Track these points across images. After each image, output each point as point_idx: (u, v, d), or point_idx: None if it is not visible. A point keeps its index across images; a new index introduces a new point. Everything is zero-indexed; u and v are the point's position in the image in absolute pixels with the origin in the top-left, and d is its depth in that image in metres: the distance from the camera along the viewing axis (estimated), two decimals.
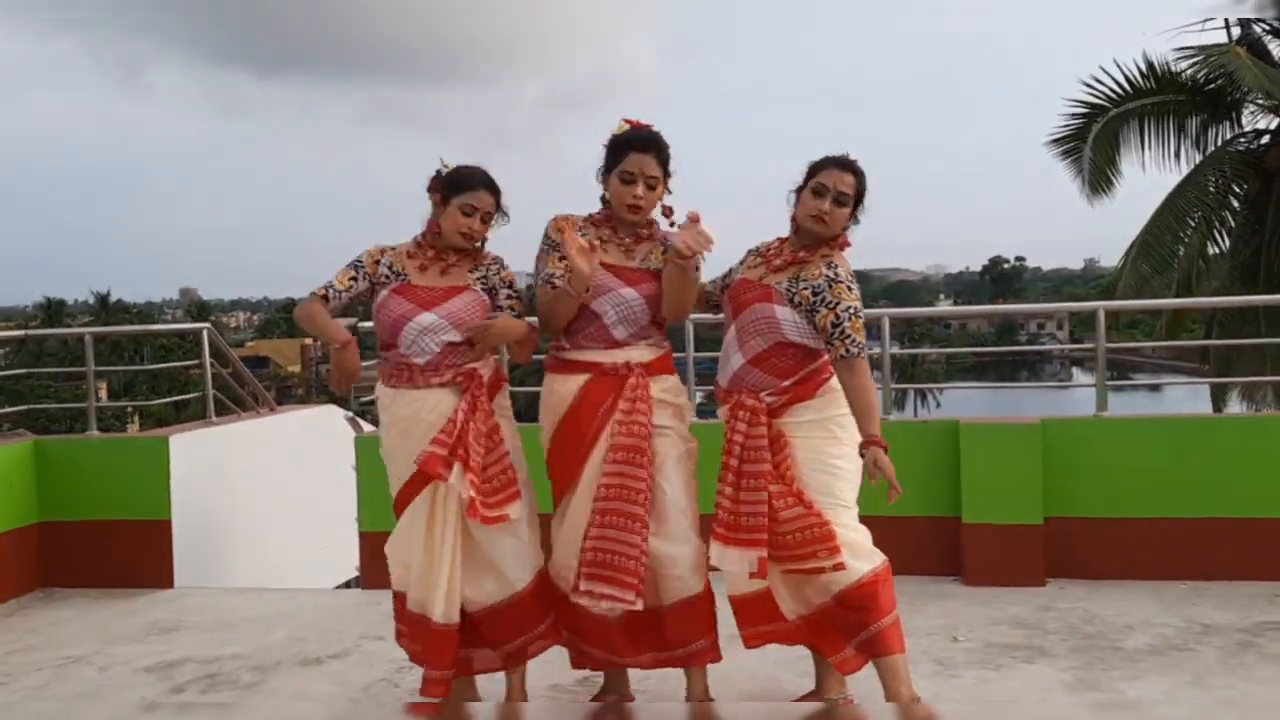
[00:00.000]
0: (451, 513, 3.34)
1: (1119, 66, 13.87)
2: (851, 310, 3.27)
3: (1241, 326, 12.99)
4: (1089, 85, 13.91)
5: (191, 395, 7.60)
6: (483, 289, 3.48)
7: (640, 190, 3.36)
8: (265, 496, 6.36)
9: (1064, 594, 5.02)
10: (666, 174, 3.41)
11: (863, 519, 3.40)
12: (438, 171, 3.46)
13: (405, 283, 3.44)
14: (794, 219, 3.43)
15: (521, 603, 3.46)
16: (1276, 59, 13.67)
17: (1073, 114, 14.13)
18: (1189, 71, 13.50)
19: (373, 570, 5.51)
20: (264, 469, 6.43)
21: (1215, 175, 13.52)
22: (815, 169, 3.37)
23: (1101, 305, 5.57)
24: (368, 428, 6.97)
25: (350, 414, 5.87)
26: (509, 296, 3.52)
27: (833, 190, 3.32)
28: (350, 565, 6.13)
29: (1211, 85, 13.39)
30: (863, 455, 3.23)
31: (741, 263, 3.56)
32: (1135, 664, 4.08)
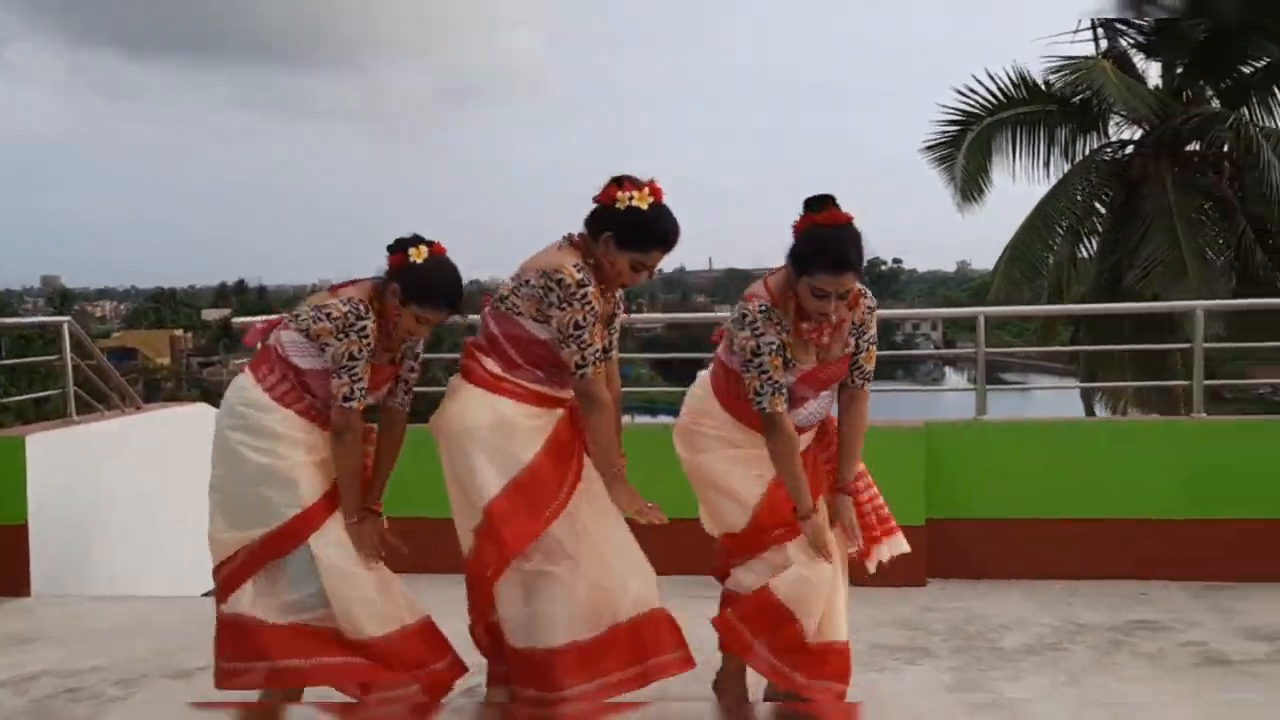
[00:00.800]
0: None
1: (991, 78, 14.32)
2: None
3: (1107, 330, 13.53)
4: (962, 94, 14.32)
5: (52, 392, 7.21)
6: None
7: (643, 279, 3.25)
8: (131, 499, 6.06)
9: (945, 594, 5.11)
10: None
11: None
12: (404, 250, 3.20)
13: (371, 362, 3.22)
14: (778, 295, 3.19)
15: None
16: (1140, 72, 14.27)
17: (948, 121, 14.53)
18: (1058, 83, 14.00)
19: None
20: (130, 470, 6.13)
21: (1083, 184, 14.07)
22: (809, 266, 3.07)
23: (982, 311, 5.71)
24: None
25: (218, 411, 5.59)
26: (411, 369, 3.42)
27: (834, 294, 3.09)
28: None
29: (1080, 96, 13.90)
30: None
31: (782, 356, 3.18)
32: (1013, 664, 4.16)
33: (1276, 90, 13.56)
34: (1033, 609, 4.85)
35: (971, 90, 14.36)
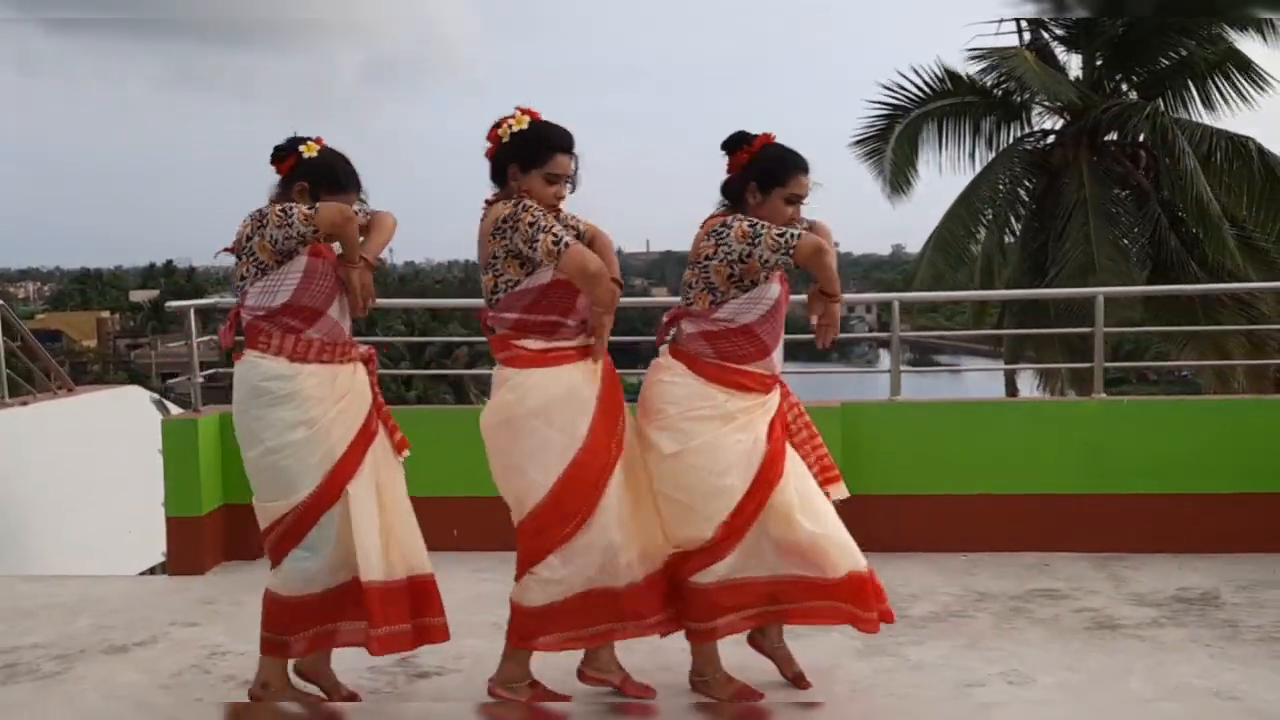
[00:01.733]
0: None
1: (916, 72, 14.65)
2: None
3: (1031, 313, 13.97)
4: (889, 89, 14.64)
5: None
6: None
7: (564, 191, 3.48)
8: (63, 481, 6.12)
9: None
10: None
11: None
12: (294, 151, 3.46)
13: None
14: (736, 208, 3.55)
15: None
16: (1062, 64, 14.69)
17: (875, 115, 14.83)
18: (981, 75, 14.37)
19: (180, 556, 5.42)
20: (63, 452, 6.18)
21: (1005, 173, 14.46)
22: (783, 175, 3.49)
23: (897, 297, 5.97)
24: (175, 410, 6.77)
25: (157, 396, 5.69)
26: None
27: (804, 195, 3.53)
28: (156, 551, 5.97)
29: (1003, 86, 14.28)
30: None
31: (759, 246, 3.42)
32: (919, 630, 4.41)
33: (1190, 83, 14.05)
34: (939, 580, 5.11)
35: (899, 86, 14.69)
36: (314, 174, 3.42)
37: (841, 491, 3.76)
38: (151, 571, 6.36)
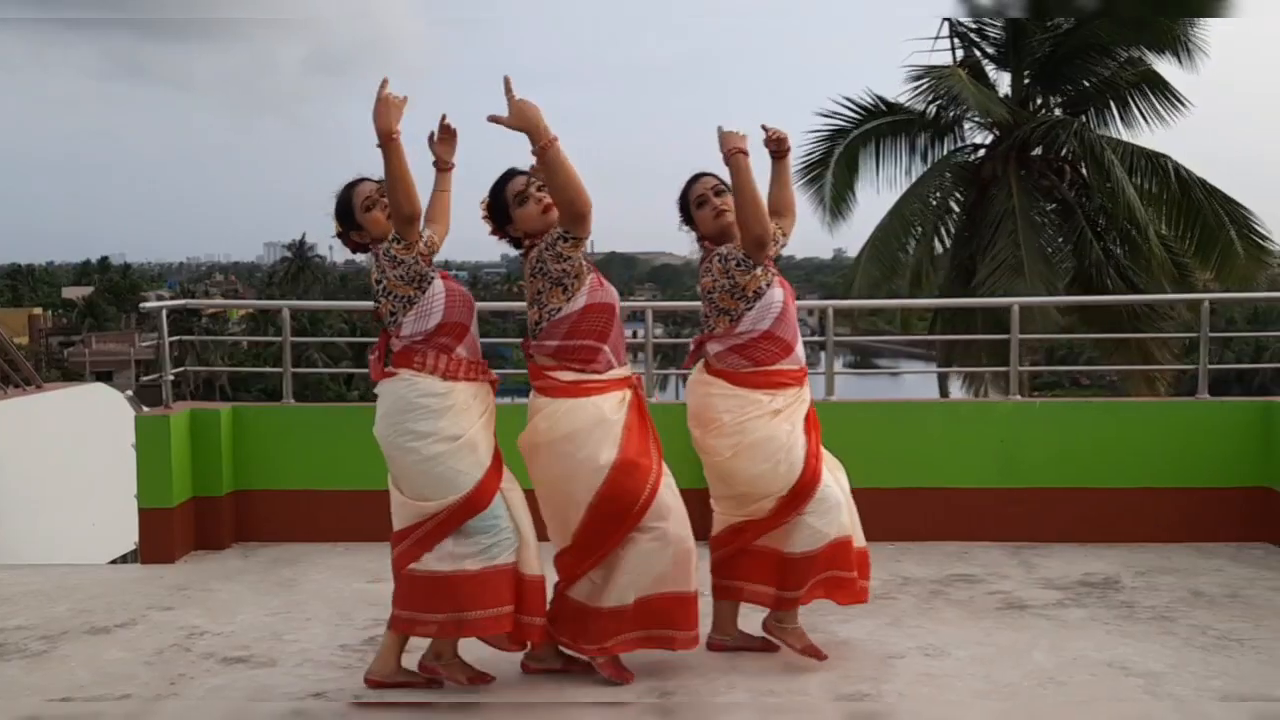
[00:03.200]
0: None
1: (849, 102, 15.18)
2: None
3: (961, 320, 14.55)
4: (827, 115, 15.18)
5: None
6: None
7: (538, 195, 3.89)
8: (31, 475, 6.32)
9: None
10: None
11: None
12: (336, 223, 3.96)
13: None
14: (706, 239, 4.11)
15: None
16: (992, 81, 15.30)
17: (814, 142, 15.33)
18: (916, 93, 14.91)
19: (152, 545, 5.67)
20: (33, 447, 6.39)
21: (937, 186, 15.02)
22: (684, 195, 4.12)
23: (832, 304, 6.40)
24: (146, 409, 6.98)
25: (130, 394, 5.94)
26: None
27: (707, 193, 4.06)
28: (125, 541, 6.21)
29: (937, 103, 14.85)
30: None
31: (736, 267, 3.98)
32: (846, 610, 4.78)
33: (1111, 102, 14.71)
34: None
35: (833, 112, 15.25)
36: (338, 215, 3.94)
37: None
38: (121, 560, 6.59)
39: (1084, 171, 14.66)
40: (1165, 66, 14.43)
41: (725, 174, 4.00)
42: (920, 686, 3.97)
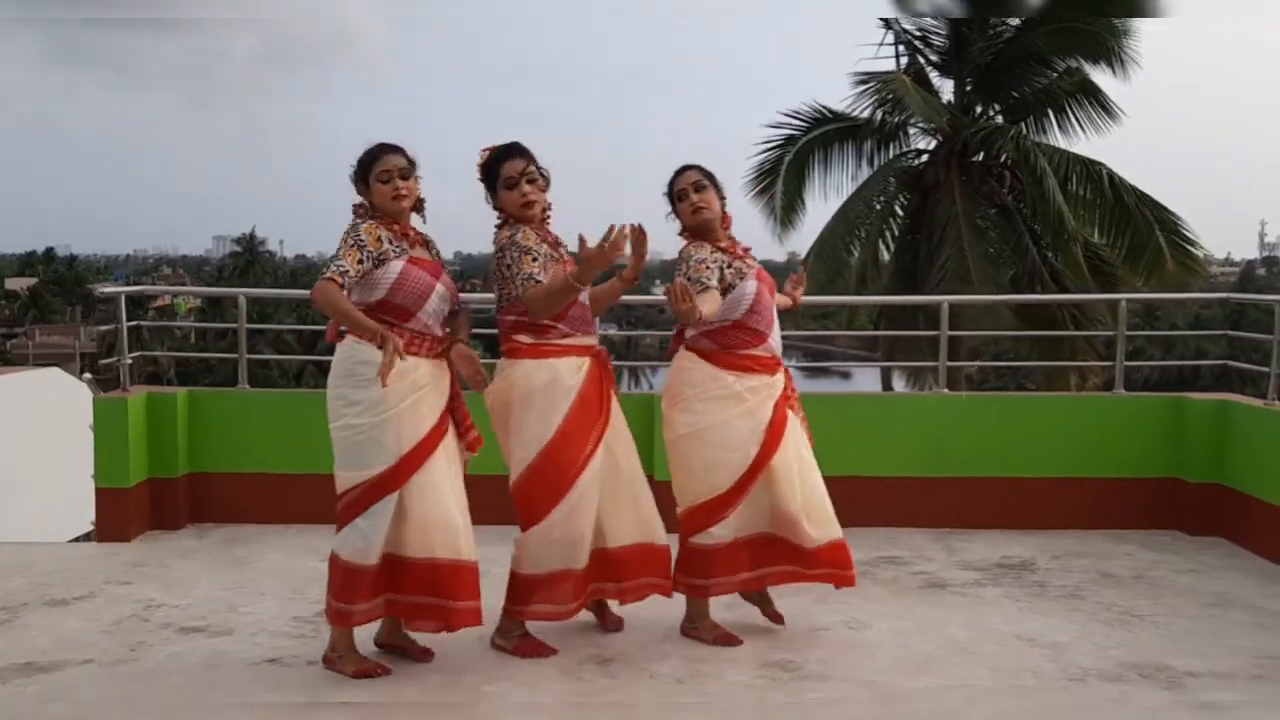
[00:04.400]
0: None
1: (794, 115, 15.53)
2: None
3: (903, 319, 14.93)
4: (775, 125, 15.53)
5: None
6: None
7: (526, 187, 4.05)
8: None
9: None
10: (539, 168, 4.11)
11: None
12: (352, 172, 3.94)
13: (411, 255, 3.88)
14: (689, 230, 4.30)
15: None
16: (935, 89, 15.71)
17: (764, 154, 15.66)
18: (862, 98, 15.29)
19: (108, 524, 5.81)
20: None
21: (881, 190, 15.41)
22: (670, 185, 4.30)
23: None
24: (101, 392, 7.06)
25: (89, 376, 6.07)
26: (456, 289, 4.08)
27: (688, 188, 4.24)
28: (81, 522, 6.33)
29: (882, 109, 15.24)
30: None
31: (707, 257, 4.20)
32: (777, 590, 5.06)
33: (1049, 111, 15.18)
34: None
35: (780, 124, 15.60)
36: (354, 175, 3.95)
37: None
38: (85, 539, 6.70)
39: (1021, 177, 15.10)
40: (1101, 76, 14.92)
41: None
42: (842, 655, 4.26)
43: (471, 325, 4.24)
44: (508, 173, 4.07)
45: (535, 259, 4.00)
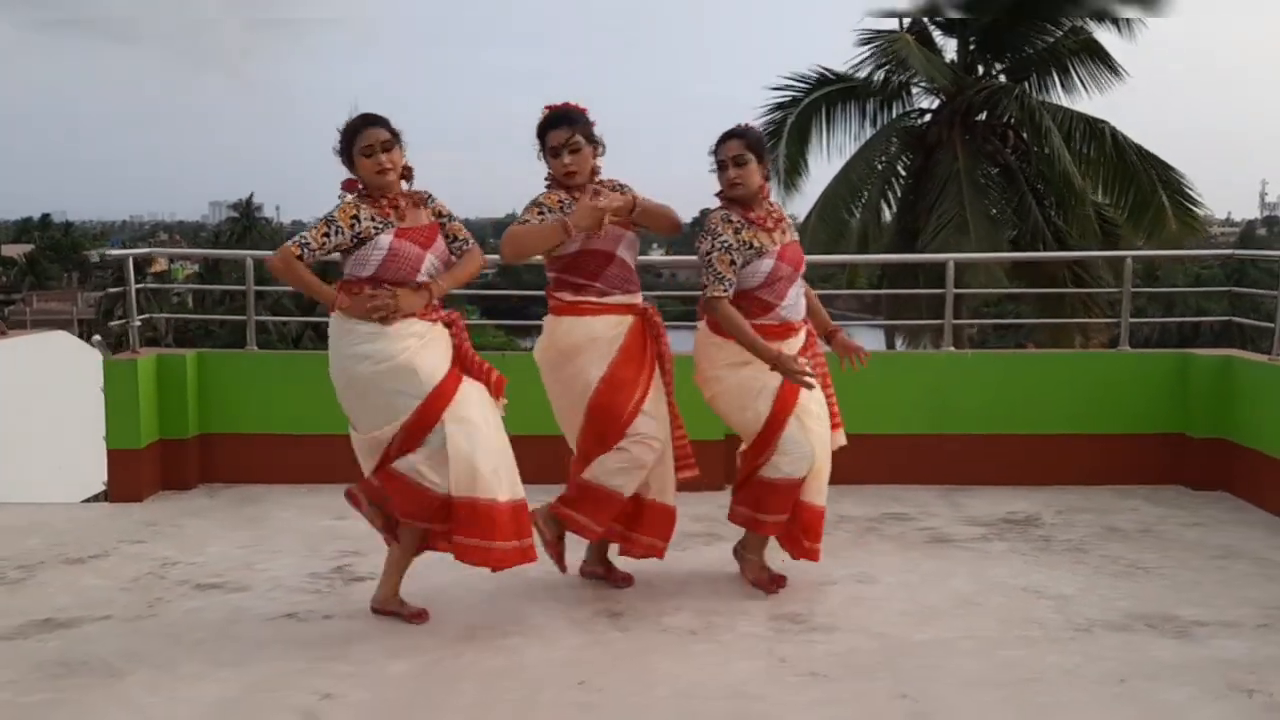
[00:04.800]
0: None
1: (798, 79, 15.41)
2: None
3: (905, 279, 14.94)
4: (779, 88, 15.42)
5: None
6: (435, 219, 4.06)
7: (567, 159, 4.14)
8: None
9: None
10: (588, 136, 4.18)
11: None
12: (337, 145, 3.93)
13: (399, 226, 3.89)
14: (720, 194, 4.31)
15: None
16: (939, 48, 15.62)
17: (767, 114, 15.57)
18: (863, 59, 15.20)
19: (120, 484, 5.86)
20: None
21: (883, 150, 15.35)
22: (715, 150, 4.28)
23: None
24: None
25: (99, 338, 6.09)
26: (449, 227, 4.08)
27: (728, 160, 4.22)
28: (95, 482, 6.37)
29: (884, 68, 15.15)
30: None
31: (736, 233, 4.22)
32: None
33: (1052, 69, 15.10)
34: None
35: (785, 86, 15.51)
36: (340, 148, 3.94)
37: (840, 439, 4.59)
38: (96, 500, 6.74)
39: (1024, 137, 15.05)
40: (1106, 36, 14.84)
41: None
42: (851, 607, 4.31)
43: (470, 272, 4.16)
44: (551, 142, 4.18)
45: (541, 212, 4.15)
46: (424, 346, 3.88)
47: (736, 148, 4.24)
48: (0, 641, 3.87)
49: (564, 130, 4.15)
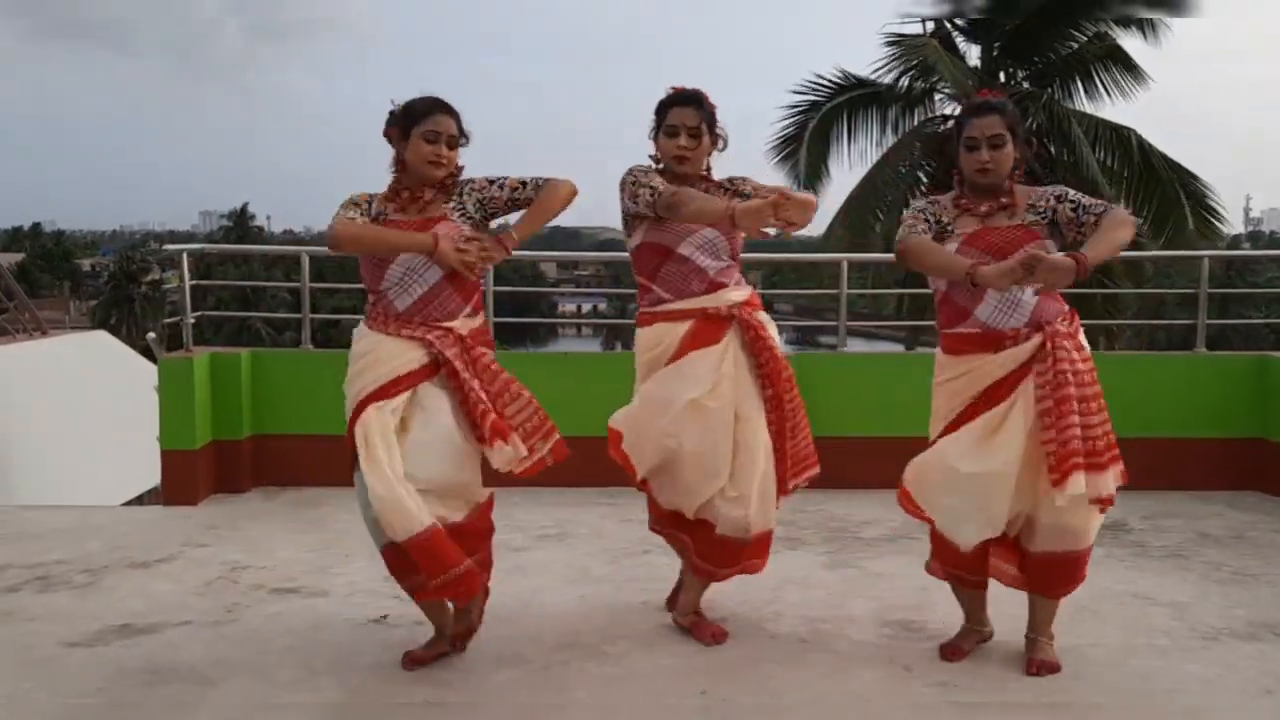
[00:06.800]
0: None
1: (821, 79, 15.27)
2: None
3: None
4: (799, 90, 15.28)
5: None
6: (460, 217, 3.47)
7: (684, 140, 3.68)
8: (40, 418, 6.25)
9: (806, 500, 5.85)
10: (711, 126, 3.72)
11: None
12: (391, 113, 3.46)
13: (386, 220, 3.43)
14: (958, 174, 3.55)
15: None
16: (963, 53, 15.51)
17: (788, 119, 15.42)
18: (887, 63, 15.07)
19: (175, 487, 5.65)
20: (39, 391, 6.31)
21: (906, 157, 15.20)
22: (960, 124, 3.50)
23: (845, 257, 6.53)
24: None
25: (153, 335, 5.88)
26: (501, 186, 3.51)
27: (983, 140, 3.41)
28: (139, 482, 6.17)
29: (910, 72, 15.03)
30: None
31: (928, 218, 3.54)
32: (874, 549, 4.97)
33: (1076, 76, 14.99)
34: (883, 510, 5.62)
35: (807, 89, 15.37)
36: (398, 117, 3.46)
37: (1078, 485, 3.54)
38: (136, 503, 6.53)
39: (1049, 145, 14.91)
40: (1131, 41, 14.74)
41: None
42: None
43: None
44: (671, 119, 3.71)
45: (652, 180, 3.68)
46: (369, 365, 3.49)
47: (996, 124, 3.42)
48: (80, 648, 3.67)
49: (691, 110, 3.71)
